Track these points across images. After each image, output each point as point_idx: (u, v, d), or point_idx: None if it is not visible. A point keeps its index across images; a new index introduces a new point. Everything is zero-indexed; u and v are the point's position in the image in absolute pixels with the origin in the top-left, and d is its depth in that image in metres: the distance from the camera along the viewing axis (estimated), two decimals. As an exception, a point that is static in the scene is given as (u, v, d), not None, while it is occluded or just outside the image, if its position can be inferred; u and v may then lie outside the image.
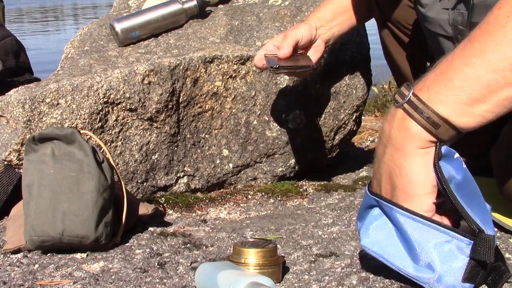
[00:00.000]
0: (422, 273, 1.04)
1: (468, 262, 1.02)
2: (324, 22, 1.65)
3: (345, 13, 1.69)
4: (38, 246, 1.36)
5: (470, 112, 0.99)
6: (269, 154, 1.85)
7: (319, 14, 1.68)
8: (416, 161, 1.03)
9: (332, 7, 1.68)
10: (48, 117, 1.57)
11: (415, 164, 1.03)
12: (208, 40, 1.84)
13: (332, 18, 1.67)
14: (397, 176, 1.05)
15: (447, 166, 1.04)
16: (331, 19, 1.67)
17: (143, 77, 1.65)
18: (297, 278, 1.21)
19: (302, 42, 1.58)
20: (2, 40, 2.45)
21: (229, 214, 1.70)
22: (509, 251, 1.29)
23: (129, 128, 1.66)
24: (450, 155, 1.05)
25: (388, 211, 1.07)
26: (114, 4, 2.20)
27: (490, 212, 1.08)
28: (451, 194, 1.02)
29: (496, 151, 1.29)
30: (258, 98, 1.80)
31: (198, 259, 1.34)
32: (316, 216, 1.61)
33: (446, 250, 1.03)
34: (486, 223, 1.04)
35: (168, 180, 1.74)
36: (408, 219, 1.04)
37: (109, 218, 1.38)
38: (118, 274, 1.27)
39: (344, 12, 1.69)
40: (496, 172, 1.31)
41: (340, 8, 1.68)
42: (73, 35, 2.05)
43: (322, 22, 1.65)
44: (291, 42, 1.55)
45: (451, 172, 1.04)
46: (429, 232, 1.04)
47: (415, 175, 1.03)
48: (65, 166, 1.37)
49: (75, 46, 1.90)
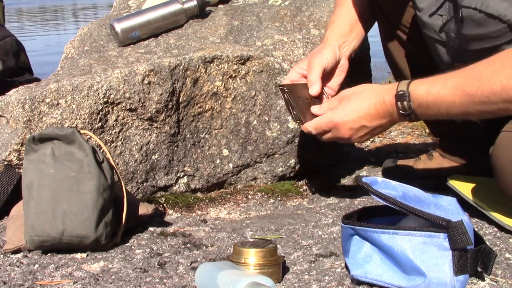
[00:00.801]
0: (414, 281, 1.06)
1: (452, 255, 1.04)
2: (344, 37, 1.62)
3: (357, 23, 1.66)
4: (38, 246, 1.36)
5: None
6: (269, 154, 1.85)
7: (337, 30, 1.63)
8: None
9: (347, 19, 1.65)
10: (48, 117, 1.57)
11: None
12: (208, 40, 1.84)
13: (350, 31, 1.64)
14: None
15: (381, 190, 1.10)
16: (349, 33, 1.64)
17: (143, 77, 1.65)
18: (297, 278, 1.21)
19: (329, 68, 1.56)
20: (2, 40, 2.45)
21: (229, 214, 1.70)
22: (509, 251, 1.29)
23: (129, 128, 1.66)
24: (375, 182, 1.13)
25: (364, 234, 1.12)
26: (114, 4, 2.20)
27: (455, 203, 1.12)
28: (403, 205, 1.07)
29: (495, 154, 1.30)
30: (258, 98, 1.80)
31: (198, 259, 1.34)
32: (316, 216, 1.61)
33: (426, 251, 1.05)
34: (450, 214, 1.07)
35: (168, 180, 1.74)
36: (383, 235, 1.08)
37: (109, 218, 1.38)
38: (118, 274, 1.27)
39: (357, 22, 1.66)
40: (496, 174, 1.31)
41: (353, 18, 1.65)
42: (73, 35, 2.05)
43: (343, 38, 1.62)
44: (318, 74, 1.51)
45: (388, 192, 1.10)
46: (404, 239, 1.07)
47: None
48: (65, 166, 1.37)
49: (75, 46, 1.90)
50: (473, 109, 1.23)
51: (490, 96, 1.19)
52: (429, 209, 1.09)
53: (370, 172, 1.99)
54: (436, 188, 1.47)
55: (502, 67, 1.19)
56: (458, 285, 1.04)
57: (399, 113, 1.32)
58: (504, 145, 1.27)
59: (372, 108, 1.36)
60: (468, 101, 1.22)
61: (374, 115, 1.36)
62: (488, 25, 1.31)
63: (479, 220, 1.46)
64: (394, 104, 1.32)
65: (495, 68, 1.19)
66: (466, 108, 1.23)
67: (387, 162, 1.87)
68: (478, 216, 1.47)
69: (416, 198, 1.10)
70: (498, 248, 1.30)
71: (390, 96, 1.33)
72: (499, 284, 1.13)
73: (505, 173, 1.28)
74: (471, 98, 1.21)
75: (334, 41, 1.60)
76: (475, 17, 1.32)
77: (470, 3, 1.31)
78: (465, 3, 1.32)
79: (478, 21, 1.31)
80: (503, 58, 1.20)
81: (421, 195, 1.12)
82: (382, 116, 1.36)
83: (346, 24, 1.64)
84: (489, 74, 1.19)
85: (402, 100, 1.30)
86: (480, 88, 1.19)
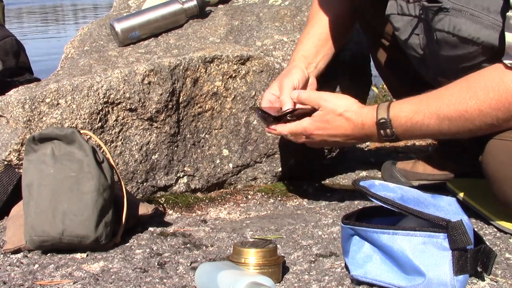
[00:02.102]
0: (414, 281, 1.06)
1: (452, 255, 1.04)
2: (310, 59, 1.65)
3: (325, 45, 1.69)
4: (38, 246, 1.36)
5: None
6: (269, 154, 1.85)
7: (303, 52, 1.66)
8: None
9: (314, 41, 1.67)
10: (48, 117, 1.57)
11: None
12: (208, 40, 1.84)
13: (316, 53, 1.67)
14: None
15: (379, 192, 1.12)
16: (315, 55, 1.67)
17: (143, 77, 1.65)
18: (297, 278, 1.21)
19: (300, 87, 1.58)
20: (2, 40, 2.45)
21: (229, 214, 1.70)
22: (509, 251, 1.29)
23: (129, 128, 1.66)
24: (373, 185, 1.14)
25: (364, 234, 1.12)
26: (114, 4, 2.20)
27: (454, 203, 1.12)
28: (402, 207, 1.08)
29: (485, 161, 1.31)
30: (258, 98, 1.80)
31: (198, 259, 1.34)
32: (316, 216, 1.61)
33: (426, 251, 1.05)
34: (449, 215, 1.07)
35: (168, 180, 1.74)
36: (383, 235, 1.09)
37: (109, 218, 1.38)
38: (118, 274, 1.27)
39: (325, 43, 1.68)
40: (488, 181, 1.32)
41: (320, 41, 1.67)
42: (73, 35, 2.05)
43: (308, 60, 1.65)
44: (289, 94, 1.53)
45: (387, 194, 1.11)
46: (403, 239, 1.07)
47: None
48: (65, 166, 1.37)
49: (75, 46, 1.90)
50: (454, 130, 1.29)
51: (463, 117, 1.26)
52: (428, 210, 1.09)
53: (370, 172, 2.00)
54: (435, 190, 1.48)
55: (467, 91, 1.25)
56: (458, 285, 1.04)
57: (380, 138, 1.39)
58: (494, 152, 1.28)
59: (349, 131, 1.42)
60: (448, 124, 1.28)
61: (350, 136, 1.43)
62: (463, 47, 1.33)
63: (479, 220, 1.46)
64: (375, 131, 1.38)
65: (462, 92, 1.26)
66: (448, 130, 1.29)
67: (386, 164, 1.87)
68: (478, 216, 1.47)
69: (415, 199, 1.11)
70: (498, 248, 1.30)
71: (369, 122, 1.38)
72: (499, 284, 1.13)
73: (496, 180, 1.29)
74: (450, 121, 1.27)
75: (301, 63, 1.63)
76: (449, 40, 1.35)
77: (443, 27, 1.34)
78: (438, 26, 1.35)
79: (452, 43, 1.35)
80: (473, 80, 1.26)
81: (420, 196, 1.12)
82: (359, 137, 1.44)
83: (312, 47, 1.67)
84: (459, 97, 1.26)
85: (384, 128, 1.36)
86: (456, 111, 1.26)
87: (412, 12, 1.43)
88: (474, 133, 1.28)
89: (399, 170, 1.81)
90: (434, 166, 1.76)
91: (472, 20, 1.28)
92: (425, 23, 1.40)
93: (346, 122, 1.41)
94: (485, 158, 1.30)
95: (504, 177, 1.26)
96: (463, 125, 1.27)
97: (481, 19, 1.27)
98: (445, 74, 1.42)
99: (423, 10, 1.38)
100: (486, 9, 1.26)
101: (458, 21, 1.30)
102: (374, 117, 1.37)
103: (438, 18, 1.34)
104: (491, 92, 1.21)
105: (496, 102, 1.21)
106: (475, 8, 1.28)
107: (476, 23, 1.28)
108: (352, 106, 1.41)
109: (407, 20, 1.45)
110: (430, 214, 1.07)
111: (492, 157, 1.28)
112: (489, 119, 1.23)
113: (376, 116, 1.36)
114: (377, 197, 1.11)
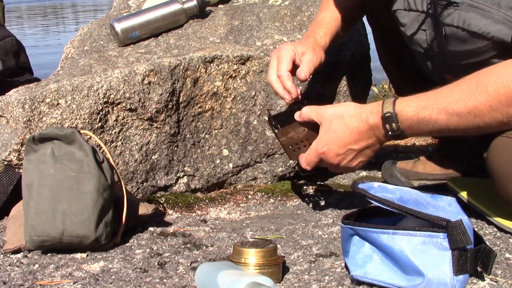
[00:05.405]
0: (413, 281, 1.06)
1: (452, 254, 1.04)
2: (315, 33, 1.65)
3: (332, 24, 1.68)
4: (38, 246, 1.36)
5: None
6: (269, 154, 1.85)
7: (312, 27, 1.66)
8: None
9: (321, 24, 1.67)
10: (48, 117, 1.57)
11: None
12: (208, 40, 1.84)
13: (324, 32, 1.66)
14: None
15: (378, 194, 1.12)
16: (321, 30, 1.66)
17: (143, 77, 1.65)
18: (297, 278, 1.21)
19: (299, 57, 1.55)
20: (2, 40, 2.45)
21: (229, 214, 1.70)
22: (509, 251, 1.29)
23: (129, 128, 1.66)
24: (372, 187, 1.14)
25: (363, 234, 1.12)
26: (114, 4, 2.19)
27: (454, 203, 1.12)
28: (402, 207, 1.08)
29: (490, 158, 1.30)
30: (258, 98, 1.80)
31: (198, 259, 1.34)
32: (316, 216, 1.61)
33: (426, 251, 1.05)
34: (449, 215, 1.07)
35: (168, 180, 1.74)
36: (383, 235, 1.09)
37: (109, 218, 1.38)
38: (118, 274, 1.27)
39: (333, 23, 1.68)
40: (491, 178, 1.32)
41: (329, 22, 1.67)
42: (73, 35, 2.05)
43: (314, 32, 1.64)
44: (286, 68, 1.52)
45: (386, 196, 1.11)
46: (403, 239, 1.07)
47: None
48: (65, 166, 1.37)
49: (75, 46, 1.90)
50: (463, 127, 1.26)
51: (472, 113, 1.23)
52: (428, 210, 1.09)
53: (370, 172, 1.99)
54: (435, 190, 1.48)
55: (477, 86, 1.22)
56: (458, 285, 1.04)
57: (386, 134, 1.33)
58: (500, 149, 1.27)
59: (355, 132, 1.35)
60: (457, 120, 1.25)
61: (358, 138, 1.36)
62: (473, 42, 1.32)
63: (479, 220, 1.46)
64: (381, 126, 1.32)
65: (472, 87, 1.23)
66: (456, 126, 1.26)
67: (386, 163, 1.87)
68: (478, 216, 1.47)
69: (414, 200, 1.11)
70: (498, 248, 1.30)
71: (375, 118, 1.33)
72: (499, 284, 1.13)
73: (500, 178, 1.28)
74: (459, 117, 1.24)
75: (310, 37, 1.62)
76: (458, 35, 1.33)
77: (452, 21, 1.32)
78: (447, 21, 1.33)
79: (461, 38, 1.33)
80: (483, 76, 1.23)
81: (419, 197, 1.12)
82: (368, 138, 1.36)
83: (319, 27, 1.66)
84: (468, 93, 1.23)
85: (390, 122, 1.31)
86: (465, 107, 1.23)
87: (420, 7, 1.42)
88: (482, 130, 1.25)
89: (399, 170, 1.81)
90: (435, 165, 1.76)
91: (482, 15, 1.27)
92: (433, 18, 1.39)
93: (349, 123, 1.36)
94: (490, 155, 1.30)
95: (509, 175, 1.26)
96: (472, 122, 1.24)
97: (491, 14, 1.26)
98: (451, 70, 1.41)
99: (432, 5, 1.37)
100: (497, 4, 1.25)
101: (468, 15, 1.29)
102: (379, 111, 1.32)
103: (447, 13, 1.33)
104: (501, 88, 1.19)
105: (507, 98, 1.19)
106: (486, 3, 1.26)
107: (486, 18, 1.27)
108: (351, 106, 1.40)
109: (414, 15, 1.44)
110: (429, 214, 1.07)
111: (497, 155, 1.28)
112: (499, 116, 1.21)
113: (381, 110, 1.32)
114: (377, 199, 1.11)
